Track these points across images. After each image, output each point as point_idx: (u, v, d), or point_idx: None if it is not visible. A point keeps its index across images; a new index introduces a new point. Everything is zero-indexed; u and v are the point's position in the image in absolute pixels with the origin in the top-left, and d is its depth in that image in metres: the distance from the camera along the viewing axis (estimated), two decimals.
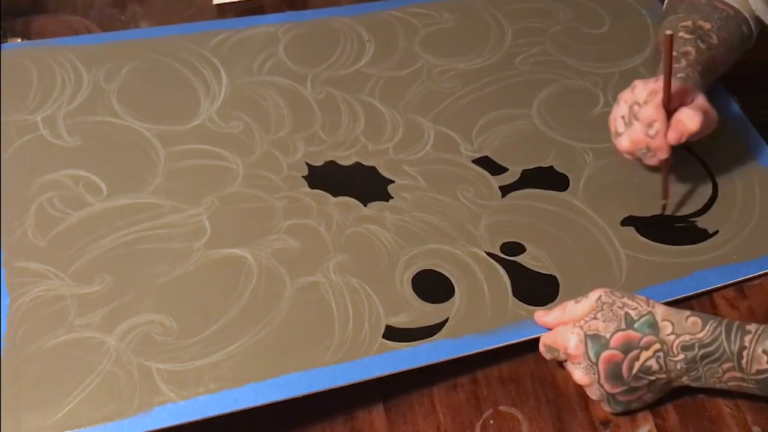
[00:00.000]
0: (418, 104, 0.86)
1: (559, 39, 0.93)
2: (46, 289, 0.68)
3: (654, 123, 0.72)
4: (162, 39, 0.90)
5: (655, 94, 0.72)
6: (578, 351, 0.63)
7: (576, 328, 0.64)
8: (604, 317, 0.64)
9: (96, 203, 0.74)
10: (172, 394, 0.62)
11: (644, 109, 0.73)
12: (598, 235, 0.75)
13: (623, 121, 0.75)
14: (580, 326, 0.64)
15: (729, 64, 0.84)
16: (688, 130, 0.72)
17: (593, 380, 0.64)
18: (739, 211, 0.78)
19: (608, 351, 0.63)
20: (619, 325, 0.63)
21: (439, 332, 0.68)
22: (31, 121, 0.80)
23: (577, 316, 0.65)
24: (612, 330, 0.63)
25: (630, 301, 0.65)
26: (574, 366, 0.65)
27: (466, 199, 0.77)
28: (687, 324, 0.63)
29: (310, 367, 0.65)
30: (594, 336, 0.63)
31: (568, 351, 0.64)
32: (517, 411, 0.66)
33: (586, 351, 0.63)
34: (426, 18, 0.95)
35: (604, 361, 0.63)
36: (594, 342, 0.63)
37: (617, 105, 0.77)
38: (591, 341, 0.63)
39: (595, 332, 0.63)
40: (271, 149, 0.80)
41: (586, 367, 0.64)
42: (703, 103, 0.74)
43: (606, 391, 0.64)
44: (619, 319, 0.63)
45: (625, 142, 0.75)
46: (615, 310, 0.64)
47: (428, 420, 0.66)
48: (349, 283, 0.70)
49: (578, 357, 0.64)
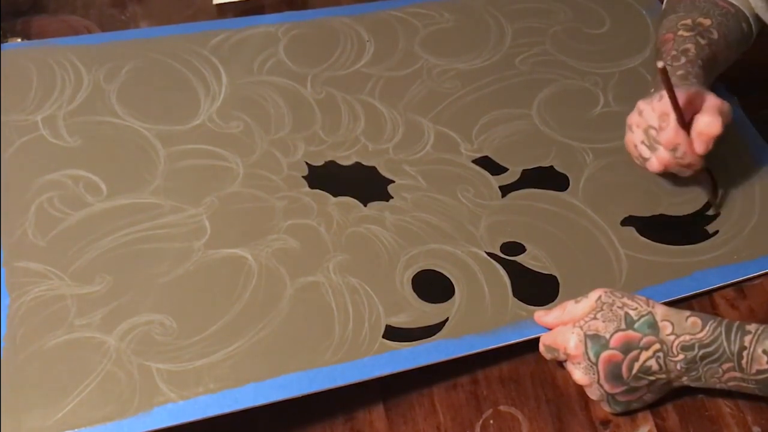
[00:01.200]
0: (418, 104, 0.86)
1: (559, 39, 0.93)
2: (46, 289, 0.68)
3: (678, 146, 0.72)
4: (162, 39, 0.90)
5: (667, 117, 0.72)
6: (578, 351, 0.63)
7: (576, 328, 0.64)
8: (604, 317, 0.64)
9: (96, 203, 0.74)
10: (172, 394, 0.62)
11: (663, 135, 0.72)
12: (598, 235, 0.75)
13: (645, 146, 0.75)
14: (580, 326, 0.64)
15: (729, 62, 0.83)
16: (713, 136, 0.72)
17: (593, 380, 0.64)
18: (739, 211, 0.78)
19: (608, 351, 0.63)
20: (618, 325, 0.63)
21: (439, 332, 0.68)
22: (31, 121, 0.80)
23: (576, 316, 0.65)
24: (612, 330, 0.63)
25: (630, 301, 0.65)
26: (573, 366, 0.65)
27: (466, 199, 0.77)
28: (687, 324, 0.63)
29: (310, 367, 0.65)
30: (594, 336, 0.63)
31: (567, 351, 0.64)
32: (517, 411, 0.66)
33: (586, 351, 0.63)
34: (426, 18, 0.95)
35: (604, 362, 0.63)
36: (594, 342, 0.63)
37: (630, 131, 0.76)
38: (591, 341, 0.63)
39: (595, 332, 0.63)
40: (271, 149, 0.80)
41: (586, 367, 0.64)
42: (714, 101, 0.73)
43: (606, 391, 0.64)
44: (618, 319, 0.63)
45: (657, 166, 0.75)
46: (615, 310, 0.64)
47: (428, 420, 0.66)
48: (349, 283, 0.70)
49: (578, 357, 0.64)
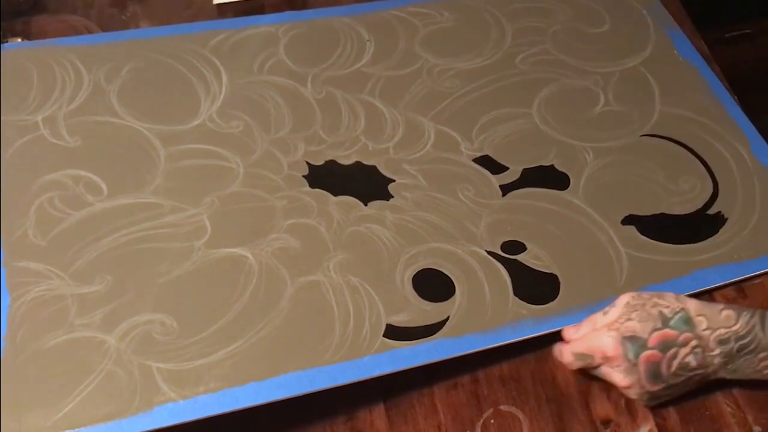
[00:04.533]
0: (418, 103, 0.86)
1: (560, 38, 0.93)
2: (47, 288, 0.68)
3: None
4: (162, 39, 0.90)
5: None
6: (616, 353, 0.63)
7: (611, 331, 0.64)
8: (639, 318, 0.63)
9: (96, 203, 0.74)
10: (173, 394, 0.62)
11: None
12: (599, 234, 0.75)
13: None
14: (616, 329, 0.64)
15: None
16: None
17: (634, 382, 0.63)
18: (740, 211, 0.78)
19: (648, 351, 0.62)
20: (655, 324, 0.63)
21: (439, 331, 0.68)
22: (31, 121, 0.80)
23: (608, 324, 0.65)
24: (649, 330, 0.63)
25: (660, 300, 0.64)
26: (612, 370, 0.64)
27: (467, 198, 0.77)
28: (721, 318, 0.63)
29: (310, 366, 0.65)
30: (632, 337, 0.63)
31: (606, 355, 0.64)
32: (518, 410, 0.66)
33: (626, 353, 0.63)
34: (426, 17, 0.95)
35: (644, 362, 0.63)
36: (633, 343, 0.63)
37: None
38: (629, 343, 0.63)
39: (633, 333, 0.63)
40: (272, 149, 0.80)
41: (626, 369, 0.63)
42: None
43: (647, 390, 0.64)
44: (654, 318, 0.63)
45: None
46: (648, 310, 0.64)
47: (429, 419, 0.66)
48: (350, 282, 0.70)
49: (617, 360, 0.63)
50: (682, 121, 0.86)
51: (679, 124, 0.85)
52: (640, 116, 0.86)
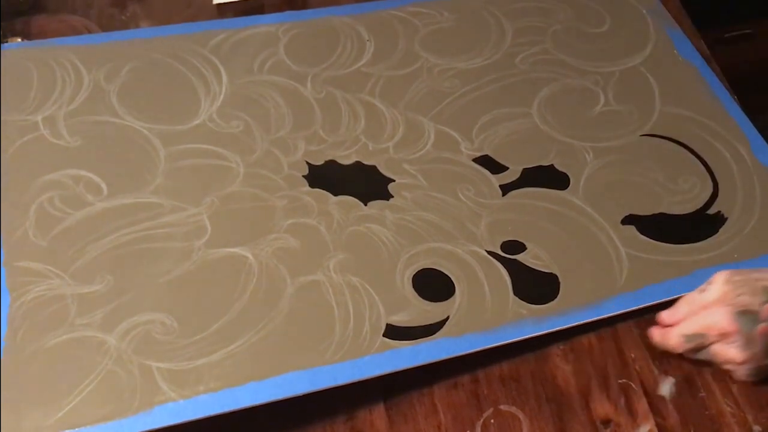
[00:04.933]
0: (418, 103, 0.86)
1: (560, 38, 0.93)
2: (47, 288, 0.68)
3: None
4: (162, 39, 0.90)
5: None
6: (733, 328, 0.63)
7: (724, 307, 0.64)
8: (749, 291, 0.64)
9: (96, 203, 0.74)
10: (173, 393, 0.62)
11: None
12: (599, 234, 0.75)
13: None
14: (728, 305, 0.64)
15: None
16: None
17: (751, 356, 0.64)
18: (740, 211, 0.78)
19: (764, 324, 0.63)
20: (765, 297, 0.63)
21: (439, 331, 0.68)
22: (31, 121, 0.80)
23: (709, 301, 0.65)
24: (760, 302, 0.63)
25: (759, 273, 0.65)
26: (728, 345, 0.64)
27: (467, 198, 0.77)
28: None
29: (310, 366, 0.65)
30: (746, 312, 0.63)
31: (723, 330, 0.64)
32: (518, 410, 0.66)
33: (742, 327, 0.63)
34: (426, 17, 0.95)
35: (762, 334, 0.63)
36: (748, 318, 0.63)
37: None
38: (744, 317, 0.63)
39: (746, 307, 0.63)
40: (272, 148, 0.80)
41: (743, 344, 0.63)
42: None
43: (760, 365, 0.64)
44: (761, 292, 0.64)
45: None
46: (753, 283, 0.64)
47: (429, 419, 0.66)
48: (350, 282, 0.70)
49: (733, 335, 0.63)
50: (682, 120, 0.86)
51: (679, 124, 0.85)
52: (640, 116, 0.86)
